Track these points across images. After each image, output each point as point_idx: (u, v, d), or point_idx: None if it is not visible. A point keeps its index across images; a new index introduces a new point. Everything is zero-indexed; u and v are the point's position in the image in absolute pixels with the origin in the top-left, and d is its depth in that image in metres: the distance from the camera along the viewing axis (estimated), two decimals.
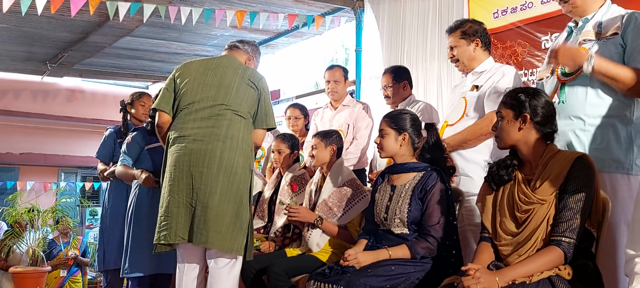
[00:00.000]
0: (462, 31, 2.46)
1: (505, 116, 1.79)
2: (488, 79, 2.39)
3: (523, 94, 1.78)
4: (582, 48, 2.00)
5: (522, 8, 4.20)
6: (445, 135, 2.43)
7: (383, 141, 2.22)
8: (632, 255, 1.46)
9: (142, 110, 3.75)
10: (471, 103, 2.38)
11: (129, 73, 8.37)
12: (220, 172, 2.37)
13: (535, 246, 1.67)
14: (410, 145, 2.21)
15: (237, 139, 2.43)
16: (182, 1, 5.06)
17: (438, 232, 2.06)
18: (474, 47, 2.46)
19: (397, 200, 2.15)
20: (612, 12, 2.03)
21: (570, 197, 1.64)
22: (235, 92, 2.49)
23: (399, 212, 2.13)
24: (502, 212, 1.78)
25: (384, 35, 5.25)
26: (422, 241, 2.07)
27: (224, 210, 2.34)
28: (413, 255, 2.06)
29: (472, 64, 2.47)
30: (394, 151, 2.21)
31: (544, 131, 1.76)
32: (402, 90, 3.25)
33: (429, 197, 2.08)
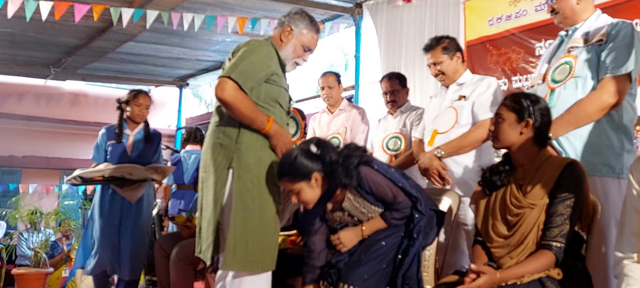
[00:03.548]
0: (442, 47, 2.61)
1: (507, 119, 1.82)
2: (474, 90, 2.54)
3: (526, 99, 1.82)
4: (571, 55, 2.08)
5: (517, 16, 4.29)
6: (436, 142, 2.53)
7: (301, 197, 2.06)
8: (620, 257, 1.52)
9: (138, 110, 3.59)
10: (461, 112, 2.51)
11: (131, 77, 8.45)
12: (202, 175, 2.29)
13: (527, 249, 1.73)
14: (322, 177, 2.05)
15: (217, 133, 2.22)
16: (184, 8, 5.15)
17: (403, 200, 2.03)
18: (456, 61, 2.62)
19: (352, 206, 2.10)
20: (600, 22, 2.10)
21: (560, 203, 1.69)
22: None
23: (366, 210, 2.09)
24: (494, 215, 1.84)
25: (382, 42, 5.33)
26: (394, 212, 2.06)
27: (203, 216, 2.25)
28: (389, 222, 2.07)
29: (455, 76, 2.63)
30: (315, 197, 2.07)
31: (541, 137, 1.83)
32: (405, 96, 3.40)
33: (368, 186, 2.02)
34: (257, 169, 2.18)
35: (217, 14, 5.07)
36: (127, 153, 3.59)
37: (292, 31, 2.29)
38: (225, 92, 2.09)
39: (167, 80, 8.77)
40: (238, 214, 2.13)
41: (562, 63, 2.08)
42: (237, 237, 2.12)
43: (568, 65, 2.05)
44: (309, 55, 2.38)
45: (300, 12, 2.35)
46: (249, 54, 2.17)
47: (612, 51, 1.96)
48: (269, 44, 2.30)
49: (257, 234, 2.14)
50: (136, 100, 3.61)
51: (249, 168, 2.16)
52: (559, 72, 2.07)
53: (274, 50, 2.29)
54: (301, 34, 2.30)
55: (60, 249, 6.01)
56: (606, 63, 1.96)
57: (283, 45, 2.30)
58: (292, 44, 2.30)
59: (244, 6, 5.31)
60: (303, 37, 2.30)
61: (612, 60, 1.95)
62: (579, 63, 2.04)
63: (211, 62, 7.53)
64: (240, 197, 2.14)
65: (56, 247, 6.00)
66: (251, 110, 2.14)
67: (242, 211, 2.13)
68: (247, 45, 2.22)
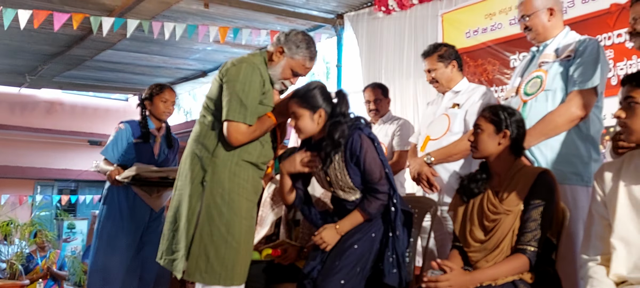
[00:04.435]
0: (438, 55, 2.62)
1: (486, 129, 1.93)
2: (467, 99, 2.56)
3: (504, 111, 1.94)
4: (542, 70, 2.19)
5: (492, 29, 4.44)
6: (428, 148, 2.56)
7: (299, 123, 2.13)
8: (585, 260, 1.61)
9: (164, 107, 3.20)
10: (453, 120, 2.54)
11: (109, 85, 8.38)
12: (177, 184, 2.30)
13: (502, 253, 1.82)
14: (325, 119, 2.12)
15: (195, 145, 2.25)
16: (165, 16, 5.15)
17: (384, 185, 2.07)
18: (451, 69, 2.63)
19: (335, 174, 2.12)
20: (569, 38, 2.22)
21: (533, 209, 1.79)
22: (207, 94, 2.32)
23: (343, 183, 2.12)
24: (471, 221, 1.93)
25: (363, 52, 5.44)
26: (373, 200, 2.08)
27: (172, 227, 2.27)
28: (368, 215, 2.09)
29: (450, 84, 2.64)
30: (312, 130, 2.13)
31: (517, 147, 1.93)
32: (387, 105, 3.47)
33: (362, 157, 2.05)
34: (230, 184, 2.21)
35: (198, 23, 5.10)
36: (154, 155, 3.20)
37: (284, 53, 2.27)
38: (239, 139, 2.18)
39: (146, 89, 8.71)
40: (204, 227, 2.17)
41: (534, 77, 2.20)
42: (200, 250, 2.16)
43: (539, 79, 2.16)
44: (297, 79, 2.38)
45: (300, 36, 2.30)
46: (246, 86, 2.18)
47: (579, 66, 2.08)
48: (261, 61, 2.29)
49: (220, 249, 2.17)
50: (162, 95, 3.20)
51: (221, 182, 2.20)
52: (531, 86, 2.19)
53: (264, 66, 2.30)
54: (292, 58, 2.27)
55: (36, 262, 5.89)
56: (574, 77, 2.08)
57: (273, 64, 2.30)
58: (281, 66, 2.29)
59: (226, 16, 5.35)
60: (293, 62, 2.28)
61: (580, 75, 2.07)
62: (549, 77, 2.15)
63: (191, 70, 7.53)
64: (208, 210, 2.18)
65: (31, 260, 5.88)
66: (261, 129, 2.24)
67: (207, 225, 2.18)
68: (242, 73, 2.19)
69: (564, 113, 2.06)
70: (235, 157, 2.23)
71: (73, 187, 9.66)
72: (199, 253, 2.16)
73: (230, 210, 2.20)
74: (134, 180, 2.97)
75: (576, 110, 2.05)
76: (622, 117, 1.52)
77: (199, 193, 2.20)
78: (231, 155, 2.22)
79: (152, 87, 3.25)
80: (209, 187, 2.19)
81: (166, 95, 3.19)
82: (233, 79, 2.18)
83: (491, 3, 4.48)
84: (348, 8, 5.44)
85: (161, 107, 3.17)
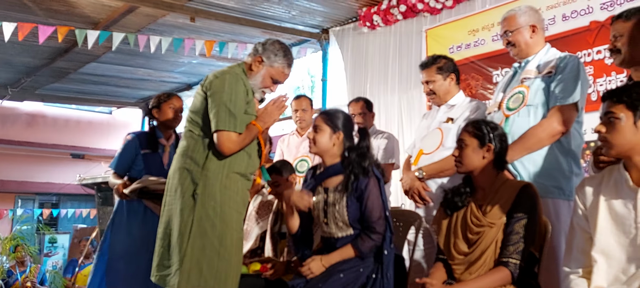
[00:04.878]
0: (437, 67, 2.60)
1: (470, 144, 1.95)
2: (462, 113, 2.54)
3: (486, 126, 1.97)
4: (524, 85, 2.24)
5: (475, 44, 4.52)
6: (421, 162, 2.55)
7: (317, 136, 2.21)
8: (567, 272, 1.64)
9: (173, 114, 3.09)
10: (447, 134, 2.52)
11: (92, 98, 8.31)
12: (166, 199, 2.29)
13: (485, 265, 1.84)
14: (342, 145, 2.21)
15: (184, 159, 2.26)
16: (151, 30, 5.15)
17: (382, 226, 2.10)
18: (449, 82, 2.61)
19: (334, 202, 2.16)
20: (550, 55, 2.27)
21: (516, 223, 1.82)
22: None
23: (338, 215, 2.15)
24: (455, 234, 1.95)
25: (348, 67, 5.48)
26: (367, 239, 2.10)
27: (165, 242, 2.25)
28: (359, 253, 2.11)
29: (447, 97, 2.62)
30: (327, 148, 2.20)
31: (500, 161, 1.96)
32: (371, 119, 3.51)
33: (366, 194, 2.10)
34: (221, 196, 2.22)
35: (184, 36, 5.10)
36: (164, 165, 3.04)
37: (263, 62, 2.33)
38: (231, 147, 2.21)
39: (130, 102, 8.66)
40: (196, 241, 2.16)
41: (516, 92, 2.24)
42: (193, 264, 2.15)
43: (521, 95, 2.21)
44: (277, 87, 2.43)
45: (276, 45, 2.37)
46: (233, 96, 2.22)
47: (560, 82, 2.13)
48: (241, 72, 2.34)
49: (213, 262, 2.17)
50: (170, 102, 3.08)
51: (213, 195, 2.21)
52: (513, 101, 2.23)
53: (245, 76, 2.34)
54: (271, 67, 2.34)
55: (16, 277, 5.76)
56: (555, 93, 2.13)
57: (252, 74, 2.36)
58: (261, 75, 2.35)
59: (212, 29, 5.37)
60: (273, 70, 2.34)
61: (561, 91, 2.11)
62: (531, 93, 2.20)
63: (176, 83, 7.51)
64: (200, 223, 2.18)
65: (11, 275, 5.75)
66: (248, 137, 2.26)
67: (199, 238, 2.18)
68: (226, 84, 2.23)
69: (546, 128, 2.10)
70: (225, 170, 2.24)
71: (55, 200, 9.51)
72: (191, 266, 2.15)
73: (222, 222, 2.20)
74: (142, 193, 2.88)
75: (557, 126, 2.09)
76: (603, 132, 1.56)
77: (190, 207, 2.19)
78: (221, 168, 2.23)
79: (159, 96, 3.15)
80: (201, 200, 2.19)
81: (175, 102, 3.10)
82: (219, 90, 2.21)
83: (474, 19, 4.57)
84: (333, 23, 5.50)
85: (170, 113, 3.06)
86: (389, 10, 4.98)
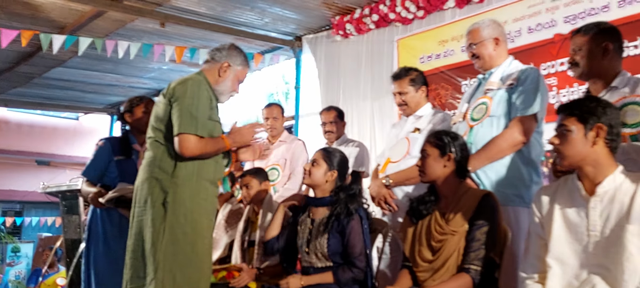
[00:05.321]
0: (410, 79, 2.68)
1: (431, 154, 2.01)
2: (428, 124, 2.63)
3: (447, 136, 2.03)
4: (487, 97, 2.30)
5: (445, 55, 4.61)
6: (388, 170, 2.61)
7: (313, 169, 2.36)
8: (524, 277, 1.69)
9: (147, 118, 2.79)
10: (413, 144, 2.58)
11: (59, 104, 8.11)
12: (135, 210, 2.25)
13: (448, 272, 1.88)
14: (334, 183, 2.35)
15: (152, 168, 2.24)
16: (120, 35, 5.07)
17: (362, 262, 2.21)
18: (420, 94, 2.69)
19: (316, 235, 2.29)
20: (512, 67, 2.35)
21: (477, 230, 1.87)
22: (154, 117, 2.31)
23: (319, 247, 2.26)
24: (420, 241, 1.98)
25: (322, 74, 5.51)
26: (348, 271, 2.20)
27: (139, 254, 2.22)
28: (337, 282, 2.20)
29: (416, 108, 2.70)
30: (320, 182, 2.34)
31: (461, 170, 2.01)
32: (342, 128, 3.54)
33: (348, 230, 2.22)
34: (191, 203, 2.22)
35: (154, 42, 5.04)
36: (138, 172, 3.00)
37: (230, 67, 2.37)
38: (191, 149, 2.18)
39: (98, 108, 8.48)
40: (168, 249, 2.16)
41: (480, 103, 2.30)
42: (166, 272, 2.15)
43: (485, 106, 2.27)
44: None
45: (236, 48, 2.43)
46: (195, 100, 2.22)
47: (521, 94, 2.19)
48: (204, 80, 2.34)
49: (185, 269, 2.17)
50: (143, 105, 2.99)
51: (183, 202, 2.20)
52: (477, 112, 2.29)
53: (207, 84, 2.34)
54: (237, 70, 2.39)
55: None
56: (516, 104, 2.19)
57: (221, 80, 2.37)
58: (229, 80, 2.38)
59: (183, 35, 5.32)
60: (239, 72, 2.40)
61: (521, 102, 2.18)
62: (493, 103, 2.26)
63: (146, 89, 7.39)
64: (172, 231, 2.17)
65: None
66: (213, 147, 2.26)
67: (172, 246, 2.16)
68: (189, 89, 2.23)
69: (507, 138, 2.16)
70: (194, 177, 2.24)
71: (18, 208, 9.23)
72: (164, 275, 2.14)
73: (194, 229, 2.21)
74: (119, 202, 2.78)
75: (518, 136, 2.15)
76: (556, 144, 1.62)
77: (161, 216, 2.18)
78: (190, 175, 2.23)
79: (131, 100, 3.05)
80: (172, 208, 2.18)
81: (148, 106, 2.98)
82: (181, 96, 2.22)
83: (444, 30, 4.66)
84: (306, 31, 5.52)
85: (144, 118, 2.90)
86: (361, 19, 5.04)
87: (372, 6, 4.91)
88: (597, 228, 1.57)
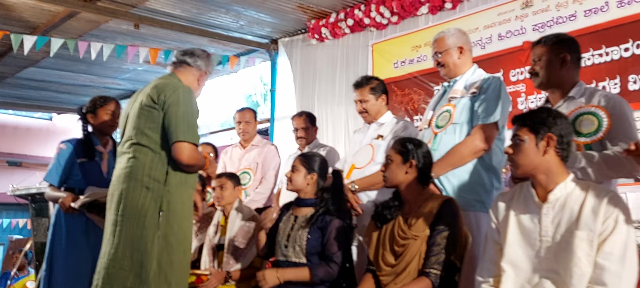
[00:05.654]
0: (371, 87, 2.77)
1: (395, 160, 2.06)
2: (391, 131, 2.70)
3: (410, 143, 2.08)
4: (451, 104, 2.36)
5: (418, 60, 4.69)
6: (353, 176, 2.66)
7: (293, 175, 2.46)
8: (480, 281, 1.75)
9: (110, 120, 2.91)
10: (377, 150, 2.66)
11: (32, 104, 7.97)
12: (124, 219, 2.15)
13: (409, 276, 1.93)
14: (316, 185, 2.45)
15: (141, 177, 2.16)
16: (93, 35, 5.02)
17: (339, 258, 2.26)
18: (381, 102, 2.78)
19: (298, 229, 2.36)
20: (476, 76, 2.41)
21: (438, 235, 1.92)
22: (137, 122, 2.22)
23: (298, 240, 2.32)
24: (383, 246, 2.03)
25: (297, 78, 5.54)
26: (324, 265, 2.26)
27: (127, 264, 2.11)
28: (312, 277, 2.25)
29: (377, 116, 2.79)
30: (301, 187, 2.44)
31: (424, 176, 2.06)
32: (314, 133, 3.59)
33: (329, 228, 2.29)
34: (182, 211, 2.24)
35: (128, 43, 5.00)
36: (103, 174, 2.89)
37: (205, 75, 2.41)
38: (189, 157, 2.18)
39: (71, 108, 8.34)
40: (163, 256, 2.15)
41: (444, 111, 2.36)
42: (161, 279, 2.14)
43: (448, 113, 2.33)
44: None
45: (209, 55, 2.45)
46: (189, 108, 2.22)
47: (483, 102, 2.26)
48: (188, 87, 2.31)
49: (178, 276, 2.20)
50: (106, 107, 2.90)
51: (176, 210, 2.20)
52: (441, 119, 2.35)
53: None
54: (208, 76, 2.45)
55: None
56: (478, 112, 2.26)
57: (198, 88, 2.41)
58: (202, 87, 2.44)
59: (158, 36, 5.29)
60: (208, 79, 2.47)
61: (483, 110, 2.25)
62: (457, 111, 2.32)
63: (121, 90, 7.32)
64: (167, 240, 2.16)
65: None
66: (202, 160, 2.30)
67: (167, 253, 2.16)
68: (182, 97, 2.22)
69: (469, 145, 2.22)
70: (182, 184, 2.24)
71: None
72: (159, 282, 2.13)
73: (185, 236, 2.25)
74: (91, 207, 2.71)
75: (479, 143, 2.22)
76: (510, 153, 1.68)
77: (155, 225, 2.15)
78: (181, 183, 2.23)
79: (94, 99, 2.96)
80: (166, 217, 2.17)
81: (111, 107, 2.91)
82: (174, 103, 2.18)
83: (417, 36, 4.73)
84: (282, 34, 5.54)
85: (107, 119, 2.88)
86: (336, 23, 5.08)
87: (347, 11, 4.96)
88: (548, 234, 1.63)
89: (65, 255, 2.78)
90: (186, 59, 2.37)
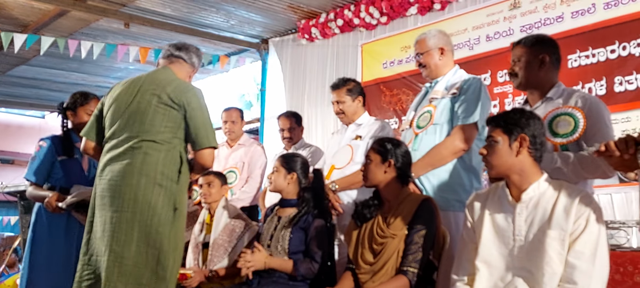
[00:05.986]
0: (347, 89, 2.80)
1: (374, 160, 2.09)
2: (369, 131, 2.74)
3: (389, 143, 2.11)
4: (432, 105, 2.38)
5: (407, 60, 4.71)
6: (333, 177, 2.70)
7: (273, 176, 2.50)
8: (455, 280, 1.78)
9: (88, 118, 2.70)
10: (356, 151, 2.69)
11: (22, 102, 7.95)
12: (135, 216, 2.08)
13: (387, 274, 1.95)
14: (297, 184, 2.48)
15: (154, 174, 2.12)
16: (84, 34, 5.02)
17: (320, 258, 2.30)
18: (357, 103, 2.82)
19: (281, 229, 2.40)
20: (457, 77, 2.43)
21: (416, 233, 1.95)
22: (151, 118, 2.15)
23: (281, 240, 2.36)
24: (363, 244, 2.06)
25: (287, 78, 5.56)
26: (307, 262, 2.30)
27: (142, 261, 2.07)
28: (294, 271, 2.29)
29: (354, 117, 2.83)
30: (282, 187, 2.48)
31: (403, 175, 2.09)
32: (300, 133, 3.60)
33: (311, 228, 2.33)
34: (185, 210, 2.27)
35: (119, 42, 5.01)
36: (84, 171, 2.83)
37: (195, 71, 2.42)
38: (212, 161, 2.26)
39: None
40: (169, 254, 2.14)
41: (425, 111, 2.39)
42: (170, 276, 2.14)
43: (429, 114, 2.35)
44: None
45: (201, 52, 2.45)
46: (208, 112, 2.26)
47: (463, 103, 2.29)
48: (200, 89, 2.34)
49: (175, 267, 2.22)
50: (87, 107, 2.81)
51: (182, 209, 2.22)
52: (422, 120, 2.37)
53: None
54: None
55: None
56: (458, 113, 2.29)
57: None
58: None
59: (148, 35, 5.29)
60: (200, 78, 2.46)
61: (463, 111, 2.27)
62: (437, 112, 2.34)
63: None
64: (177, 236, 2.18)
65: None
66: None
67: (173, 251, 2.16)
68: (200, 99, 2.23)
69: (448, 146, 2.25)
70: (186, 184, 2.26)
71: None
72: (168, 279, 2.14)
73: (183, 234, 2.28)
74: (79, 207, 2.62)
75: (459, 144, 2.24)
76: (485, 154, 1.71)
77: (170, 222, 2.14)
78: (185, 182, 2.25)
79: (75, 96, 2.86)
80: (178, 215, 2.18)
81: (92, 106, 2.80)
82: (198, 108, 2.20)
83: (406, 36, 4.76)
84: (273, 34, 5.56)
85: (85, 118, 2.75)
86: (326, 23, 5.11)
87: (337, 11, 4.98)
88: (522, 233, 1.66)
89: (47, 254, 2.75)
90: (182, 55, 2.34)
